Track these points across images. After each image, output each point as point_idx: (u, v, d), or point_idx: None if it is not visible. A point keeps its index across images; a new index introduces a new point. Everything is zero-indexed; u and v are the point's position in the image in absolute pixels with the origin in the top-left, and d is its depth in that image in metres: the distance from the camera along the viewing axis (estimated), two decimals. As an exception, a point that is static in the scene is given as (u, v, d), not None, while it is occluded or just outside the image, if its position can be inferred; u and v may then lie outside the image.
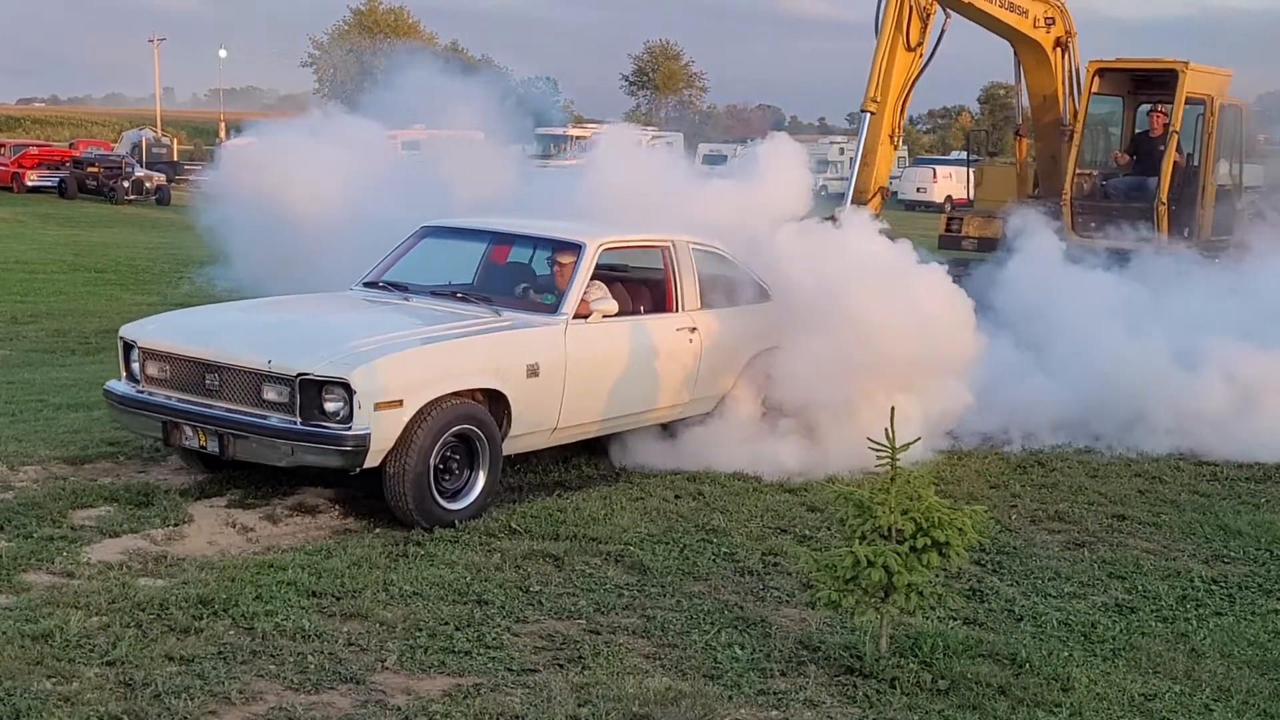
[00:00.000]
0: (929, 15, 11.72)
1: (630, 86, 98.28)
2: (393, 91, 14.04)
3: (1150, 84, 14.47)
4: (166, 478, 7.64)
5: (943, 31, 11.87)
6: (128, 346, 7.50)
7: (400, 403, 6.78)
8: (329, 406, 6.71)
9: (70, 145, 48.02)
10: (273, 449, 6.83)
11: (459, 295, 8.16)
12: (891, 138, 11.77)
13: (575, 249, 8.14)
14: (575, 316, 7.84)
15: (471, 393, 7.21)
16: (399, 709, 4.78)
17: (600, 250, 8.18)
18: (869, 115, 11.52)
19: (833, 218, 10.42)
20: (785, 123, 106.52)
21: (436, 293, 8.21)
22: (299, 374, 6.74)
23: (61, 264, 20.40)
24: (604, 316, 7.95)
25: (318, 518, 7.16)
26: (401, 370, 6.91)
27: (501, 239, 8.85)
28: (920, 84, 12.07)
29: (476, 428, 7.16)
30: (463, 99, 13.12)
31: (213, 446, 7.02)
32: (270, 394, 6.83)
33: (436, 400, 6.95)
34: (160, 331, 7.54)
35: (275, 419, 6.82)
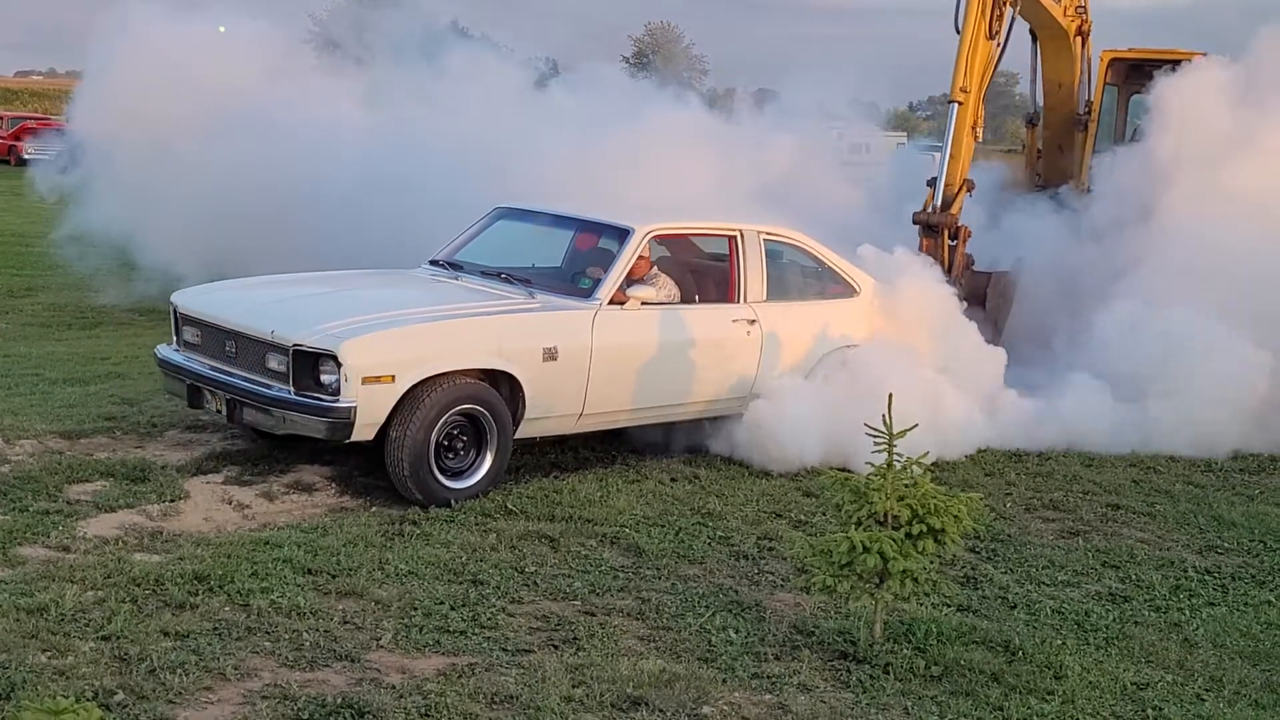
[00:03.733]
0: (1005, 4, 11.70)
1: (630, 68, 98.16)
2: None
3: (1150, 75, 14.42)
4: (163, 453, 7.64)
5: (1013, 20, 11.83)
6: (174, 312, 7.79)
7: (392, 378, 6.85)
8: (324, 378, 6.82)
9: (68, 119, 47.71)
10: (268, 416, 7.02)
11: (503, 276, 8.12)
12: (974, 129, 11.66)
13: (623, 234, 8.06)
14: (611, 302, 7.77)
15: (476, 373, 7.23)
16: (393, 687, 4.79)
17: (649, 237, 8.08)
18: (957, 106, 11.34)
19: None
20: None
21: (486, 273, 8.21)
22: (293, 345, 6.86)
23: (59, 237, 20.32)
24: (643, 304, 7.85)
25: (314, 495, 7.17)
26: (393, 346, 6.98)
27: (559, 222, 8.76)
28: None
29: (483, 408, 7.18)
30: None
31: (223, 410, 7.22)
32: (273, 363, 7.00)
33: (436, 378, 6.98)
34: (196, 298, 7.85)
35: (275, 388, 6.97)
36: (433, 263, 8.55)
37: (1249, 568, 7.03)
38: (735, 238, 8.49)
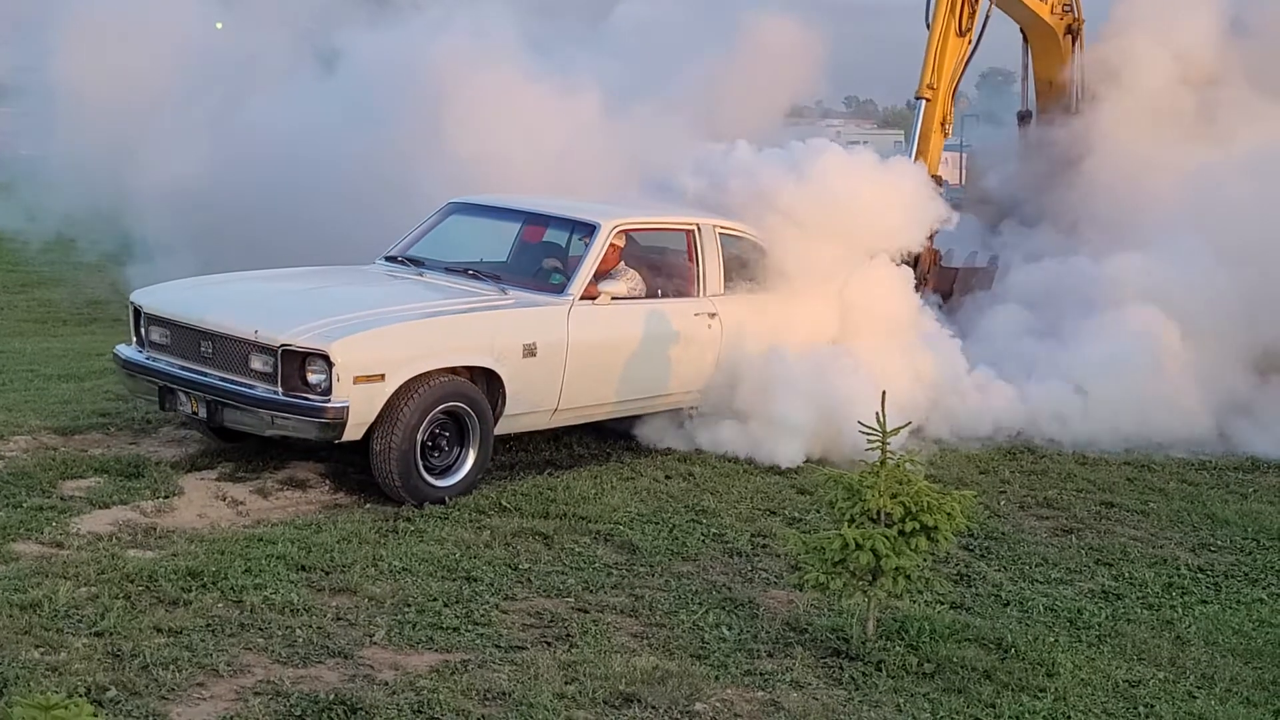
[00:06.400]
0: (978, 1, 11.79)
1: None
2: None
3: None
4: (157, 450, 7.64)
5: (988, 16, 11.94)
6: (137, 312, 7.58)
7: (382, 377, 6.82)
8: (312, 378, 6.76)
9: None
10: (255, 417, 6.90)
11: (471, 272, 8.14)
12: (943, 125, 11.80)
13: (590, 229, 8.14)
14: (583, 298, 7.83)
15: (461, 370, 7.23)
16: (386, 684, 4.79)
17: (615, 231, 8.15)
18: (924, 102, 11.54)
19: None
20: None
21: (451, 269, 8.20)
22: (281, 345, 6.79)
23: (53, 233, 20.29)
24: (613, 299, 7.93)
25: (308, 492, 7.17)
26: (383, 345, 6.96)
27: (522, 217, 8.82)
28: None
29: (466, 405, 7.18)
30: None
31: (203, 413, 7.09)
32: (257, 364, 6.89)
33: (422, 376, 6.98)
34: (163, 298, 7.61)
35: (260, 388, 6.87)
36: (389, 259, 8.49)
37: (1242, 565, 7.04)
38: (693, 231, 8.59)
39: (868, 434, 5.38)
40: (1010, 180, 13.42)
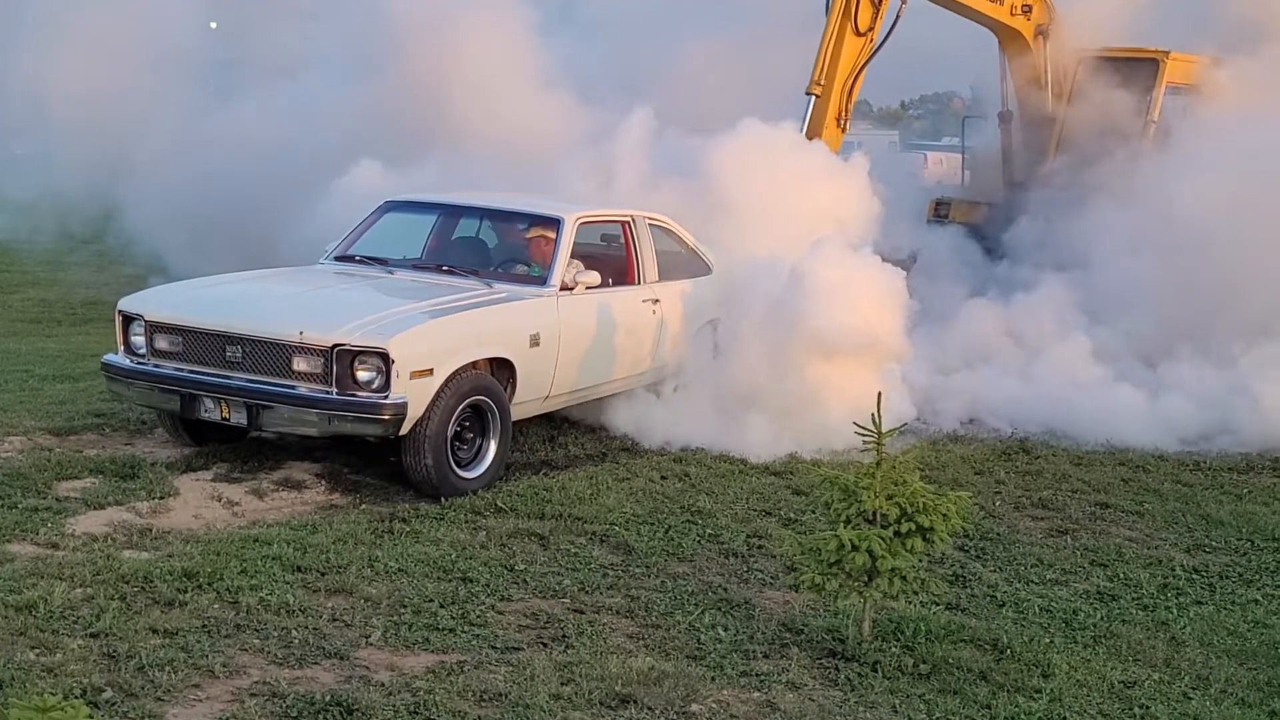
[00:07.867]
0: (881, 1, 11.77)
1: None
2: None
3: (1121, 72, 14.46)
4: (152, 450, 7.63)
5: (898, 17, 11.87)
6: (128, 320, 7.44)
7: (431, 371, 6.93)
8: (362, 376, 6.81)
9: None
10: (306, 419, 6.90)
11: (444, 268, 8.23)
12: (839, 122, 11.86)
13: (555, 224, 8.28)
14: (560, 289, 8.02)
15: (482, 362, 7.37)
16: (383, 685, 4.79)
17: (578, 224, 8.37)
18: (813, 99, 11.62)
19: None
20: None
21: (419, 266, 8.33)
22: (335, 345, 6.80)
23: (48, 232, 20.25)
24: (586, 289, 8.12)
25: (303, 493, 7.17)
26: (433, 339, 7.10)
27: (471, 213, 8.98)
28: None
29: (489, 397, 7.32)
30: None
31: (238, 418, 7.03)
32: (302, 365, 6.89)
33: (460, 369, 7.11)
34: (171, 305, 7.48)
35: (305, 389, 6.87)
36: (341, 258, 8.46)
37: (1236, 566, 7.05)
38: (629, 223, 8.89)
39: (862, 434, 5.39)
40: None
